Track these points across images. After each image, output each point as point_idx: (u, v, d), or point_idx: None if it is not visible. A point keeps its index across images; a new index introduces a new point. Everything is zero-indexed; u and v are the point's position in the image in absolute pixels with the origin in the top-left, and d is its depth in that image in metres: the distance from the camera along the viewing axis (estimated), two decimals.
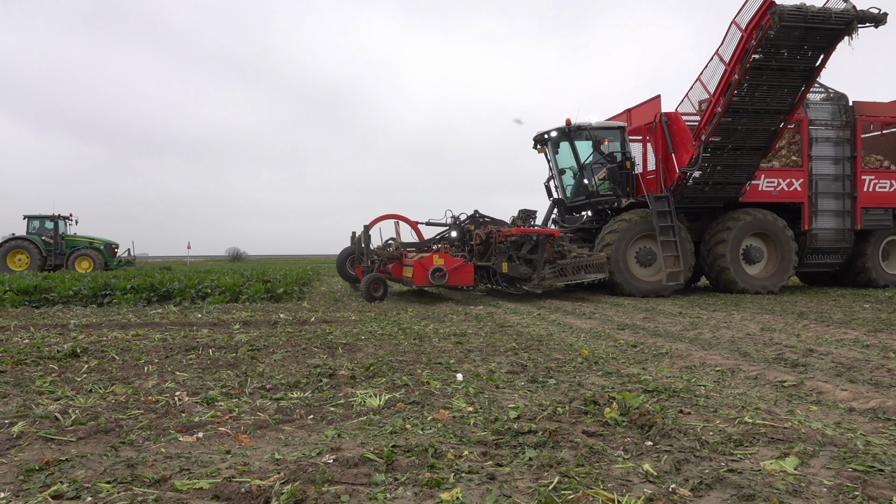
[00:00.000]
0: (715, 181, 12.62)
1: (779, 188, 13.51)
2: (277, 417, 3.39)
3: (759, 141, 11.98)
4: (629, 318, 8.44)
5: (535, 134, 14.62)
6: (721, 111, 11.31)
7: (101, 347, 5.60)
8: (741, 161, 12.31)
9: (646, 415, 3.22)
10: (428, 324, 7.82)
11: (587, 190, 13.72)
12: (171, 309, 9.62)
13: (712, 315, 8.77)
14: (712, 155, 12.12)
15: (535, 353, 5.50)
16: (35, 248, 24.66)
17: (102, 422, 3.22)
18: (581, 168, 13.70)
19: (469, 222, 12.84)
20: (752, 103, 11.28)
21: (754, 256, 13.19)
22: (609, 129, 13.79)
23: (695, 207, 13.48)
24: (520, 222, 13.06)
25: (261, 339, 6.14)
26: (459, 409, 3.51)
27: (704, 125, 11.75)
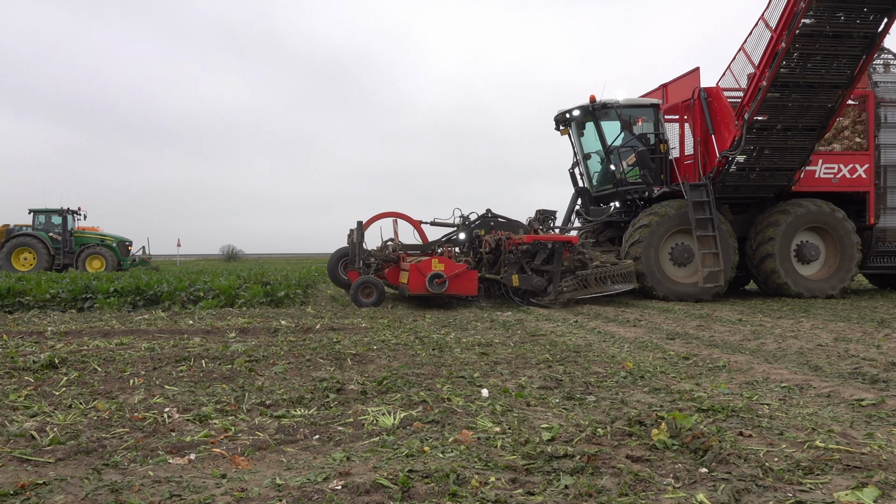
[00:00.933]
0: (762, 167, 12.41)
1: (839, 175, 13.24)
2: (279, 437, 3.41)
3: (814, 120, 11.73)
4: (680, 326, 8.39)
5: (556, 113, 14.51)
6: (766, 85, 11.07)
7: (81, 358, 5.69)
8: (793, 143, 12.07)
9: (700, 437, 3.19)
10: (449, 332, 7.83)
11: (614, 177, 13.59)
12: (158, 314, 9.75)
13: (777, 323, 8.67)
14: (758, 136, 11.91)
15: (571, 365, 5.49)
16: (42, 245, 25.10)
17: (83, 441, 3.27)
18: (607, 152, 13.55)
19: (479, 224, 12.78)
20: (803, 76, 11.04)
21: (809, 255, 12.96)
22: (640, 107, 13.63)
23: (740, 198, 13.28)
24: (537, 224, 12.97)
25: (260, 349, 6.19)
26: (485, 429, 3.51)
27: (748, 102, 11.52)
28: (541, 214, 13.44)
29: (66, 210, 26.45)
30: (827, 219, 12.91)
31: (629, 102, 13.52)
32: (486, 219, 12.94)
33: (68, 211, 26.48)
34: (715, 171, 12.57)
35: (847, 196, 13.44)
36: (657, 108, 13.59)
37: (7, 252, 24.91)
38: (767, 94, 11.18)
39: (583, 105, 13.68)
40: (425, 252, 12.49)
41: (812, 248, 12.98)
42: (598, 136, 13.58)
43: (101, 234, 26.88)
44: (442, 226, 13.16)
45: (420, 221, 13.36)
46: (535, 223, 12.98)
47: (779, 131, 11.88)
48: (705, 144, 12.89)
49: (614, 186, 13.68)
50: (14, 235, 25.42)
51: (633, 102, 13.59)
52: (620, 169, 13.46)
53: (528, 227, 12.79)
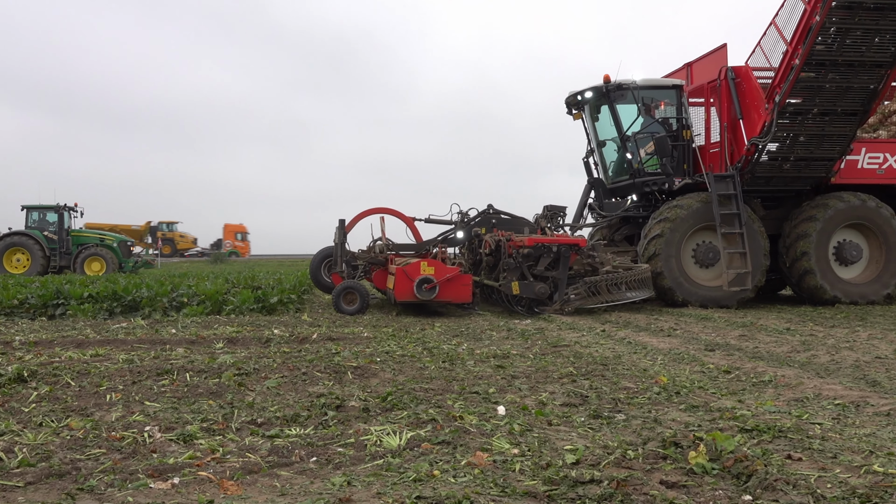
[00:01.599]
0: (797, 156, 12.31)
1: (885, 166, 13.13)
2: (271, 460, 3.43)
3: (854, 103, 11.63)
4: (720, 336, 8.36)
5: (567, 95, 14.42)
6: (799, 64, 10.95)
7: (52, 370, 5.73)
8: (830, 130, 11.97)
9: (743, 461, 3.18)
10: (461, 342, 7.84)
11: (631, 167, 13.52)
12: (138, 322, 9.81)
13: (830, 332, 8.62)
14: (792, 121, 11.82)
15: (598, 380, 5.48)
16: (37, 245, 25.25)
17: (56, 463, 3.30)
18: (623, 139, 13.49)
19: (479, 222, 12.71)
20: (841, 53, 10.92)
21: (849, 255, 12.86)
22: (660, 88, 13.55)
23: (772, 191, 13.19)
24: (544, 222, 12.91)
25: (250, 361, 6.22)
26: (502, 451, 3.51)
27: (779, 82, 11.43)
28: (549, 211, 13.36)
29: (63, 206, 26.59)
30: (871, 215, 12.80)
31: (648, 83, 13.42)
32: (486, 216, 12.86)
33: (65, 207, 26.64)
34: (743, 161, 12.48)
35: (894, 190, 13.34)
36: (680, 89, 13.51)
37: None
38: (801, 73, 11.09)
39: (596, 86, 13.60)
40: (419, 253, 12.48)
41: (853, 247, 12.89)
42: (613, 120, 13.53)
43: (101, 233, 27.02)
44: (438, 223, 13.12)
45: (413, 218, 13.34)
46: (541, 221, 12.92)
47: (815, 116, 11.79)
48: (733, 131, 12.80)
49: (631, 177, 13.61)
50: (4, 235, 25.57)
51: (653, 83, 13.50)
52: (638, 158, 13.40)
53: (534, 225, 12.75)
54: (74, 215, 27.14)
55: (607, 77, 13.34)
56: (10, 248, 25.20)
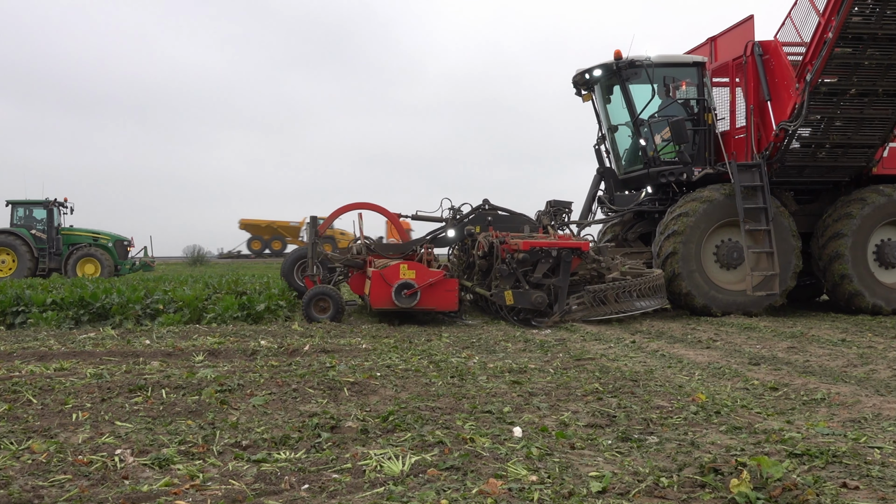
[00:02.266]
0: (833, 143, 12.22)
1: None
2: (258, 487, 3.44)
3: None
4: (766, 348, 8.34)
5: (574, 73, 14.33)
6: (833, 37, 10.83)
7: (11, 386, 5.76)
8: (870, 112, 11.86)
9: (792, 490, 3.17)
10: (471, 355, 7.84)
11: (646, 155, 13.45)
12: (108, 332, 9.84)
13: (891, 344, 8.59)
14: (826, 103, 11.71)
15: (627, 397, 5.47)
16: (24, 245, 25.29)
17: (15, 490, 3.31)
18: (636, 123, 13.41)
19: (473, 219, 12.62)
20: (880, 26, 10.78)
21: (892, 257, 12.76)
22: (679, 65, 13.46)
23: (806, 182, 13.11)
24: (546, 220, 12.84)
25: (234, 376, 6.23)
26: (518, 477, 3.51)
27: (811, 59, 11.32)
28: (552, 207, 13.29)
29: (53, 202, 26.67)
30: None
31: (664, 60, 13.31)
32: (481, 212, 12.79)
33: (54, 203, 26.72)
34: (771, 148, 12.40)
35: None
36: (702, 67, 13.44)
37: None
38: (835, 48, 10.98)
39: (606, 63, 13.50)
40: (404, 254, 12.46)
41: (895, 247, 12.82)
42: (626, 102, 13.46)
43: (94, 231, 27.08)
44: (427, 220, 13.09)
45: (399, 215, 13.32)
46: (544, 218, 12.86)
47: (852, 97, 11.69)
48: (760, 114, 12.72)
49: (645, 167, 13.54)
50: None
51: (670, 60, 13.41)
52: (653, 144, 13.33)
53: (535, 222, 12.68)
54: (64, 212, 27.20)
55: (618, 53, 13.25)
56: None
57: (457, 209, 12.94)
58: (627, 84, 13.34)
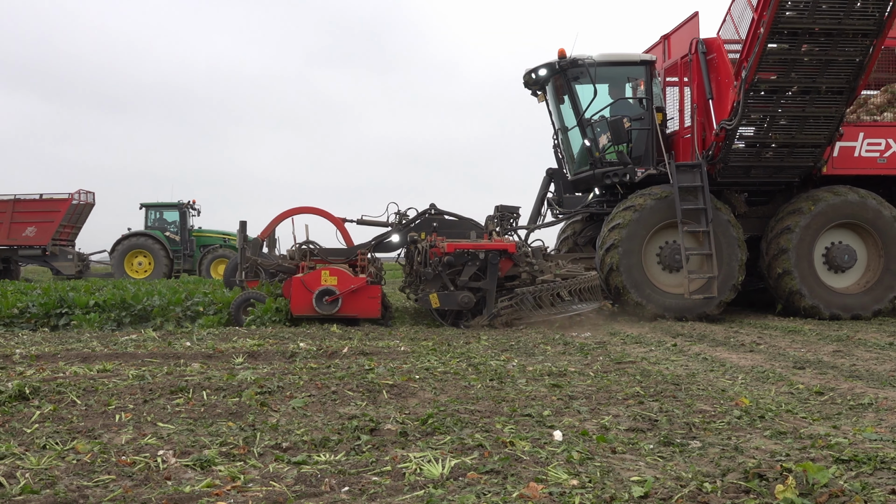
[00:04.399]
0: (778, 142, 12.02)
1: (888, 153, 12.67)
2: (298, 489, 3.47)
3: (839, 79, 11.21)
4: (811, 352, 8.25)
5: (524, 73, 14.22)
6: (764, 33, 10.59)
7: (56, 387, 5.85)
8: (813, 110, 11.58)
9: (839, 496, 3.13)
10: (511, 357, 7.83)
11: (591, 156, 13.39)
12: (149, 334, 9.97)
13: None
14: (768, 101, 11.53)
15: (669, 401, 5.44)
16: (160, 247, 25.73)
17: (61, 490, 3.37)
18: (581, 123, 13.38)
19: (418, 225, 12.55)
20: (814, 20, 10.54)
21: (841, 260, 12.52)
22: (624, 64, 13.39)
23: (755, 183, 12.94)
24: (492, 225, 12.77)
25: (273, 378, 6.28)
26: (558, 481, 3.50)
27: (746, 56, 11.12)
28: (500, 211, 13.24)
29: (186, 204, 27.08)
30: (870, 216, 12.40)
31: (608, 59, 13.25)
32: (427, 217, 12.73)
33: (187, 205, 27.13)
34: (714, 148, 12.25)
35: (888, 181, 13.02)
36: (650, 65, 13.34)
37: (119, 255, 25.56)
38: (768, 44, 10.75)
39: (550, 62, 13.44)
40: (347, 259, 12.40)
41: (846, 251, 12.56)
42: (571, 102, 13.44)
43: (223, 232, 27.46)
44: (372, 225, 13.05)
45: (343, 219, 13.30)
46: (490, 223, 12.80)
47: (795, 95, 11.45)
48: (705, 113, 12.57)
49: (591, 168, 13.47)
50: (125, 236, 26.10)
51: (614, 59, 13.34)
52: (598, 145, 13.24)
53: (482, 228, 12.61)
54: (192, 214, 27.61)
55: (562, 52, 13.20)
56: (131, 250, 25.66)
57: (402, 214, 12.89)
58: (573, 84, 13.31)
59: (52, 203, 25.94)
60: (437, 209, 12.74)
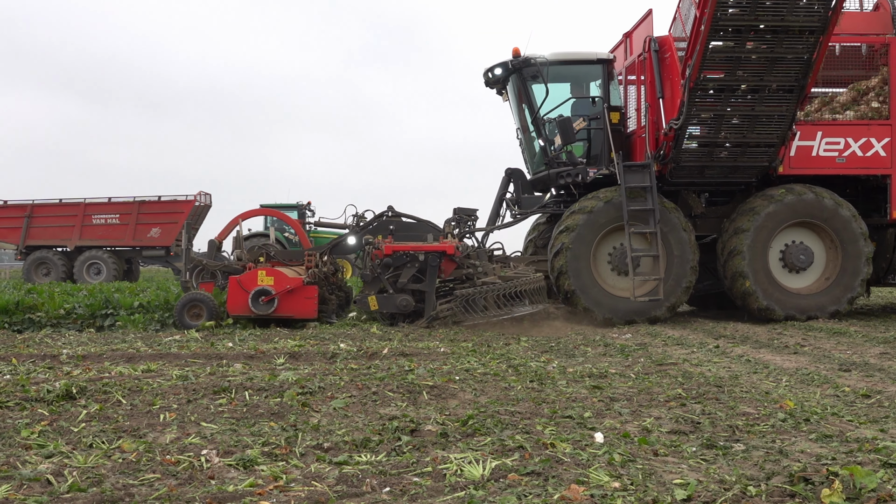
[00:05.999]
0: (733, 142, 11.79)
1: (847, 152, 12.33)
2: (340, 490, 3.49)
3: (787, 77, 10.96)
4: (857, 354, 8.14)
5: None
6: (705, 30, 10.36)
7: (102, 387, 5.96)
8: (763, 109, 11.34)
9: (887, 501, 3.09)
10: (551, 359, 7.81)
11: (547, 156, 13.29)
12: (192, 335, 10.09)
13: None
14: (717, 100, 11.30)
15: (711, 404, 5.39)
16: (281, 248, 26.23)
17: (108, 488, 3.43)
18: (536, 123, 13.32)
19: (375, 227, 12.46)
20: (757, 17, 10.30)
21: (797, 260, 12.27)
22: (580, 62, 13.30)
23: (711, 184, 12.76)
24: (449, 228, 12.69)
25: (314, 379, 6.33)
26: (600, 483, 3.49)
27: (690, 54, 10.89)
28: (457, 214, 13.15)
29: (305, 205, 27.44)
30: (827, 215, 12.12)
31: (562, 58, 13.12)
32: (383, 220, 12.63)
33: (305, 206, 27.49)
34: (665, 148, 12.05)
35: (858, 181, 12.77)
36: (607, 64, 13.23)
37: None
38: (712, 42, 10.53)
39: (504, 62, 13.33)
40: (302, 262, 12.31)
41: (802, 251, 12.31)
42: (525, 101, 13.36)
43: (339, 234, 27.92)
44: (330, 227, 13.02)
45: (303, 222, 13.26)
46: (447, 226, 12.72)
47: (745, 93, 11.22)
48: (657, 112, 12.40)
49: (546, 168, 13.36)
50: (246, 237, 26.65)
51: (569, 58, 13.23)
52: (553, 145, 13.12)
53: (439, 230, 12.52)
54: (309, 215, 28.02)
55: (516, 51, 13.07)
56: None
57: (360, 216, 12.82)
58: (528, 83, 13.20)
59: (176, 204, 26.40)
60: (395, 211, 12.75)
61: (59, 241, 26.37)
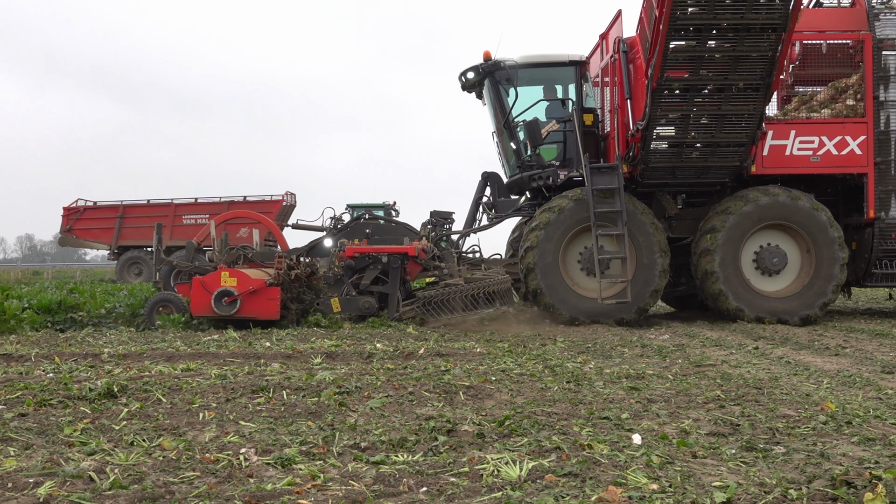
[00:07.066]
0: (702, 142, 11.59)
1: (821, 151, 12.10)
2: (377, 489, 3.50)
3: (753, 75, 10.76)
4: None
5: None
6: (663, 30, 10.21)
7: (142, 385, 6.04)
8: (729, 108, 11.13)
9: None
10: (587, 360, 7.79)
11: (519, 158, 13.28)
12: (230, 334, 10.20)
13: None
14: (682, 100, 11.15)
15: (751, 406, 5.34)
16: None
17: (148, 486, 3.48)
18: (508, 126, 13.30)
19: (351, 230, 12.49)
20: (715, 16, 10.13)
21: (770, 263, 12.06)
22: (551, 65, 13.26)
23: (686, 185, 12.57)
24: (424, 230, 12.71)
25: (351, 379, 6.37)
26: (638, 485, 3.47)
27: (652, 54, 10.73)
28: (433, 217, 13.18)
29: (391, 205, 27.86)
30: (801, 218, 11.90)
31: (533, 60, 13.11)
32: (360, 222, 12.70)
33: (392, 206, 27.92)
34: (634, 149, 11.95)
35: (834, 180, 12.58)
36: (580, 66, 13.18)
37: None
38: (674, 41, 10.41)
39: (476, 66, 13.34)
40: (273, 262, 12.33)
41: (776, 254, 12.08)
42: (498, 104, 13.35)
43: None
44: (307, 229, 13.01)
45: (280, 224, 13.29)
46: (423, 229, 12.74)
47: (712, 93, 11.05)
48: (627, 113, 12.30)
49: (520, 171, 13.34)
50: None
51: (540, 60, 13.21)
52: (526, 148, 13.12)
53: (416, 233, 12.55)
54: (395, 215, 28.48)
55: (487, 54, 13.07)
56: None
57: (337, 218, 12.85)
58: (500, 86, 13.20)
59: (266, 205, 26.77)
60: (373, 214, 12.86)
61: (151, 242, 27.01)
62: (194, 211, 26.92)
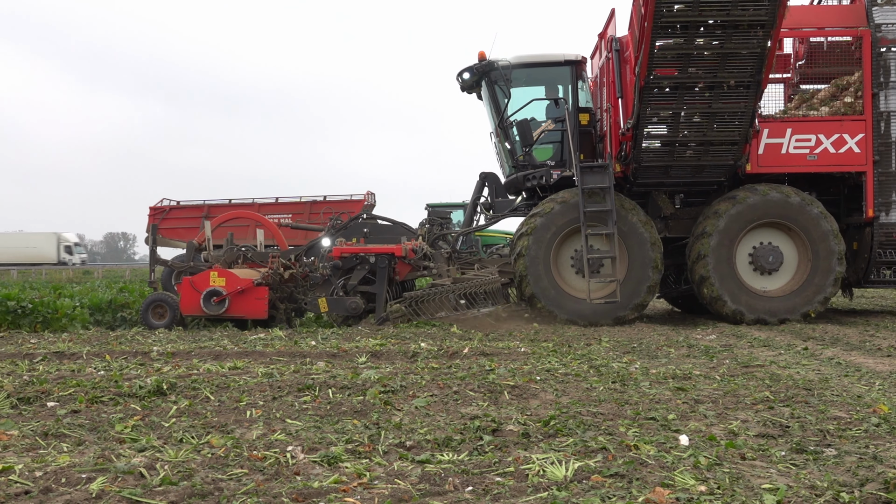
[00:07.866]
0: (695, 140, 11.39)
1: (818, 150, 11.82)
2: (423, 488, 3.51)
3: (742, 72, 10.57)
4: None
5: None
6: (648, 28, 10.06)
7: (191, 383, 6.13)
8: (720, 106, 10.95)
9: None
10: (633, 360, 7.73)
11: (513, 158, 13.22)
12: (276, 333, 10.30)
13: None
14: (672, 98, 10.96)
15: (800, 407, 5.26)
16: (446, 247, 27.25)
17: (198, 482, 3.53)
18: (503, 126, 13.22)
19: (350, 230, 12.46)
20: (701, 13, 9.96)
21: (766, 262, 11.81)
22: (546, 65, 13.14)
23: (682, 184, 12.37)
24: (421, 230, 12.64)
25: (396, 378, 6.40)
26: (685, 487, 3.43)
27: (639, 52, 10.56)
28: (432, 216, 13.16)
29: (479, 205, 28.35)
30: (794, 214, 11.66)
31: (527, 60, 13.01)
32: (358, 222, 12.67)
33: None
34: (626, 148, 11.81)
35: (832, 179, 12.29)
36: (576, 66, 13.02)
37: None
38: (661, 39, 10.29)
39: (471, 66, 13.25)
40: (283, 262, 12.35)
41: (772, 252, 11.83)
42: (494, 104, 13.29)
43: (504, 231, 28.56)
44: (306, 229, 13.03)
45: (278, 223, 13.27)
46: (419, 228, 12.68)
47: (702, 91, 10.84)
48: (619, 112, 12.18)
49: (515, 171, 13.26)
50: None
51: (534, 60, 13.10)
52: (521, 147, 13.03)
53: (414, 233, 12.49)
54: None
55: (482, 54, 13.00)
56: None
57: (336, 218, 12.85)
58: (496, 86, 13.11)
59: (349, 204, 27.05)
60: (371, 214, 12.94)
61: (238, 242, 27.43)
62: (277, 211, 27.14)
